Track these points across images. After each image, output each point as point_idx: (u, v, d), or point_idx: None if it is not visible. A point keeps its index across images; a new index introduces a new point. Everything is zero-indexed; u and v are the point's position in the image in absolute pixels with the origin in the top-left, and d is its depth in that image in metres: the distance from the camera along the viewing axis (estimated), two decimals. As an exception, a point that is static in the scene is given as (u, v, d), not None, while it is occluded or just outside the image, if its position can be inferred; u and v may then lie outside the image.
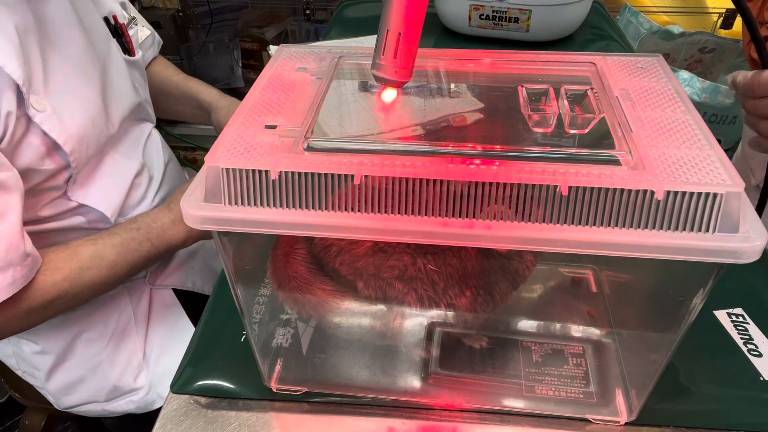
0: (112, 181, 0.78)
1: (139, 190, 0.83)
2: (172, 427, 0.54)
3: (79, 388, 0.84)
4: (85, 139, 0.70)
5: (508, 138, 0.50)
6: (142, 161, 0.84)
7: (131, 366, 0.84)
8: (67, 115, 0.68)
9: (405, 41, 0.45)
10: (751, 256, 0.37)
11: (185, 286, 0.90)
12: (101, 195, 0.75)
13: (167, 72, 1.02)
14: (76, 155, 0.69)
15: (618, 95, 0.47)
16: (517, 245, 0.39)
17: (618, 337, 0.59)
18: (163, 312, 0.87)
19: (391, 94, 0.50)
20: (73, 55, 0.71)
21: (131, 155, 0.82)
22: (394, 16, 0.44)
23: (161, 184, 0.88)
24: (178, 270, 0.90)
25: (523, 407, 0.54)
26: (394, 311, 0.56)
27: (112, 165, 0.78)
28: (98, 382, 0.84)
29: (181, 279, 0.90)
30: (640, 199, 0.37)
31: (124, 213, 0.80)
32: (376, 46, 0.46)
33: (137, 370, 0.85)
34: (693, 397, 0.55)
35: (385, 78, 0.46)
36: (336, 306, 0.55)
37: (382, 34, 0.45)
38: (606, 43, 1.22)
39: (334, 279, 0.53)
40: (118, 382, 0.84)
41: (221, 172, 0.40)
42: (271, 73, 0.52)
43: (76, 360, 0.83)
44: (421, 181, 0.39)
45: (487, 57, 0.55)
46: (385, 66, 0.46)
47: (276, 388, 0.56)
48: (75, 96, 0.70)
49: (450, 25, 1.23)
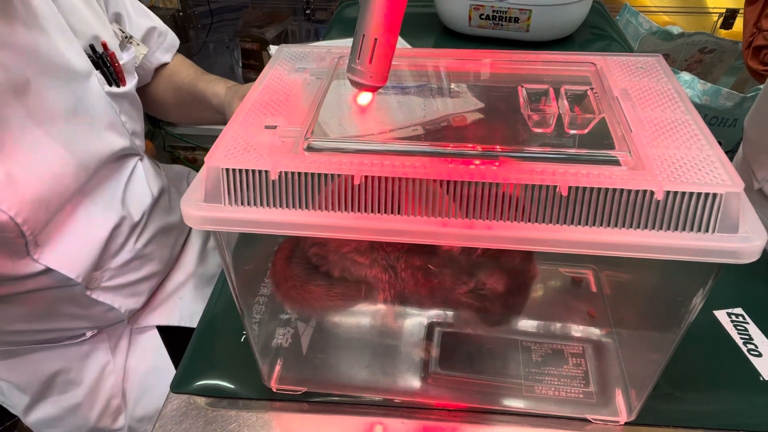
0: (85, 237, 0.69)
1: (117, 241, 0.73)
2: (172, 427, 0.54)
3: (59, 425, 0.81)
4: (43, 203, 0.62)
5: (508, 138, 0.50)
6: (121, 212, 0.73)
7: (110, 408, 0.80)
8: (21, 179, 0.60)
9: (381, 47, 0.44)
10: (750, 256, 0.37)
11: (171, 322, 0.83)
12: (69, 255, 0.67)
13: (179, 76, 0.91)
14: (31, 223, 0.61)
15: (618, 95, 0.47)
16: (517, 245, 0.39)
17: (618, 337, 0.59)
18: (145, 354, 0.81)
19: (366, 98, 0.50)
20: (39, 107, 0.63)
21: (108, 205, 0.72)
22: (370, 21, 0.44)
23: (146, 226, 0.78)
24: (164, 304, 0.83)
25: (523, 407, 0.54)
26: (394, 311, 0.56)
27: (85, 219, 0.69)
28: (77, 422, 0.80)
29: (165, 315, 0.83)
30: (639, 200, 0.37)
31: (101, 266, 0.72)
32: (351, 50, 0.46)
33: (116, 413, 0.81)
34: (693, 397, 0.55)
35: (360, 82, 0.46)
36: (331, 305, 0.55)
37: (358, 38, 0.45)
38: (606, 43, 1.22)
39: (329, 279, 0.53)
40: (97, 424, 0.80)
41: (221, 172, 0.40)
42: (271, 73, 0.52)
43: (54, 399, 0.79)
44: (421, 181, 0.39)
45: (487, 57, 0.55)
46: (360, 71, 0.45)
47: (276, 388, 0.56)
48: (33, 152, 0.61)
49: (450, 25, 1.23)
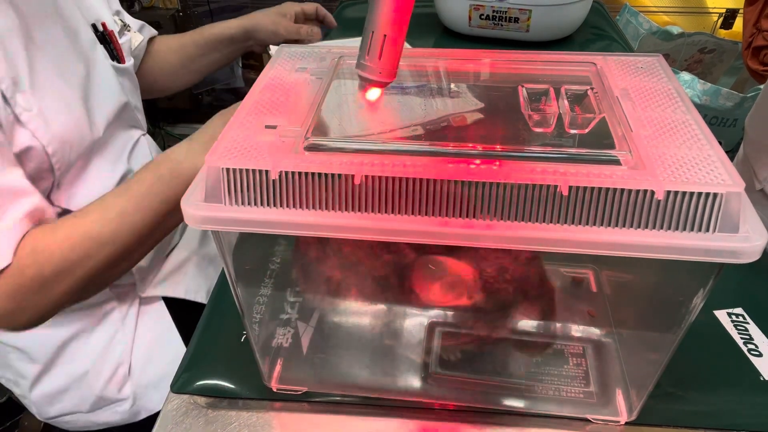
0: (97, 186, 0.76)
1: None
2: (172, 427, 0.54)
3: (63, 398, 0.83)
4: (68, 143, 0.69)
5: (508, 138, 0.50)
6: (127, 167, 0.82)
7: (117, 377, 0.83)
8: (51, 116, 0.67)
9: (390, 43, 0.45)
10: (751, 256, 0.37)
11: (177, 294, 0.88)
12: (85, 200, 0.73)
13: (178, 39, 1.05)
14: (59, 158, 0.68)
15: (618, 95, 0.47)
16: (517, 245, 0.39)
17: (618, 337, 0.59)
18: (152, 323, 0.86)
19: (375, 94, 0.51)
20: (56, 57, 0.70)
21: (117, 161, 0.81)
22: (379, 18, 0.45)
23: None
24: (170, 277, 0.88)
25: (523, 407, 0.54)
26: (394, 311, 0.56)
27: (97, 170, 0.77)
28: (83, 392, 0.83)
29: (172, 287, 0.88)
30: (640, 199, 0.37)
31: None
32: (361, 46, 0.47)
33: (122, 381, 0.83)
34: (693, 397, 0.55)
35: (369, 78, 0.47)
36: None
37: (367, 35, 0.46)
38: (606, 43, 1.22)
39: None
40: (102, 393, 0.83)
41: (221, 172, 0.40)
42: (271, 73, 0.52)
43: (62, 369, 0.82)
44: (421, 181, 0.39)
45: (487, 57, 0.55)
46: (370, 67, 0.47)
47: (276, 388, 0.56)
48: (58, 98, 0.69)
49: (450, 25, 1.23)
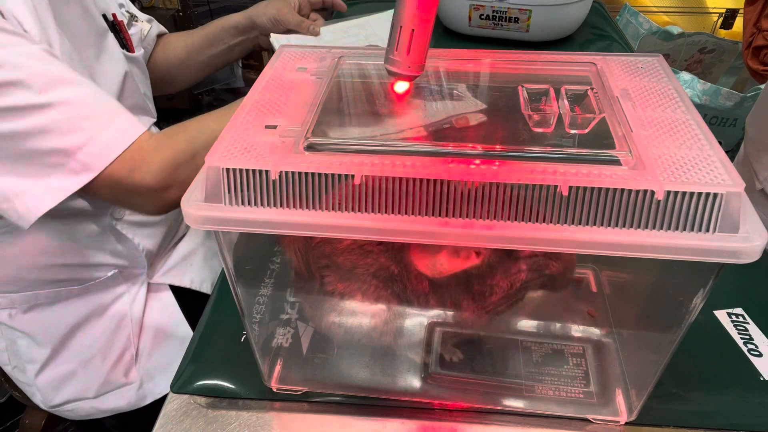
0: None
1: None
2: (172, 427, 0.54)
3: (70, 384, 0.84)
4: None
5: (509, 138, 0.50)
6: None
7: (123, 360, 0.85)
8: None
9: (417, 37, 0.47)
10: (751, 256, 0.37)
11: (183, 283, 0.90)
12: None
13: (186, 36, 1.05)
14: None
15: (618, 95, 0.47)
16: (517, 245, 0.40)
17: (618, 337, 0.59)
18: (159, 308, 0.88)
19: (403, 86, 0.53)
20: (74, 35, 0.72)
21: None
22: (407, 14, 0.47)
23: None
24: (177, 267, 0.90)
25: (523, 407, 0.54)
26: (394, 311, 0.55)
27: None
28: (89, 377, 0.84)
29: (179, 276, 0.90)
30: (640, 199, 0.37)
31: None
32: (389, 42, 0.49)
33: (129, 365, 0.85)
34: (693, 397, 0.55)
35: (398, 72, 0.49)
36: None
37: (395, 30, 0.48)
38: (606, 43, 1.22)
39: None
40: (108, 377, 0.84)
41: (221, 172, 0.40)
42: (271, 73, 0.52)
43: (70, 353, 0.83)
44: (421, 181, 0.39)
45: (488, 57, 0.55)
46: (398, 61, 0.49)
47: (276, 388, 0.56)
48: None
49: (450, 25, 1.23)
